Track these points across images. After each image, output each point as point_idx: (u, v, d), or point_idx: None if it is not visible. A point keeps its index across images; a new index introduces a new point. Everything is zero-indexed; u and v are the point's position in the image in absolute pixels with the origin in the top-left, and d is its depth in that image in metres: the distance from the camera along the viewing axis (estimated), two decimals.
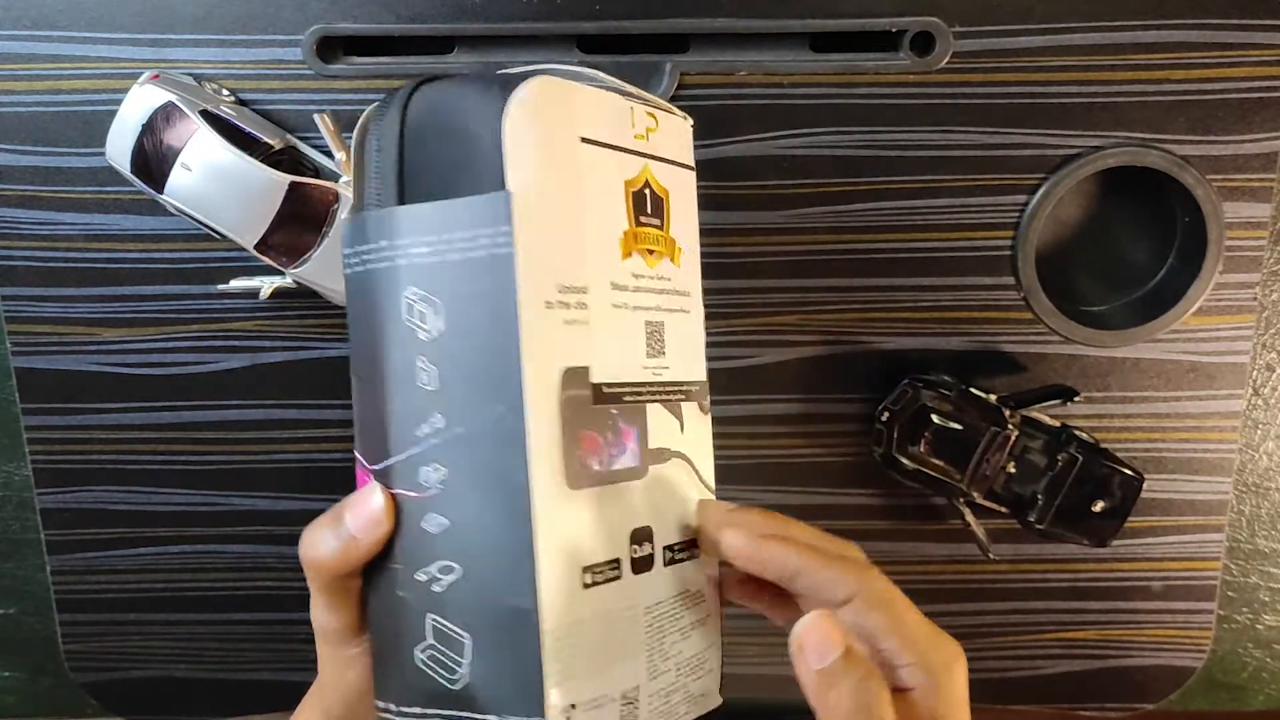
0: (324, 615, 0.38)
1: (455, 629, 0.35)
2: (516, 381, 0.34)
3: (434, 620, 0.35)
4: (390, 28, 0.56)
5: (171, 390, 0.61)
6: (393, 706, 0.37)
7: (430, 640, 0.36)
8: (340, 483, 0.62)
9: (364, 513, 0.36)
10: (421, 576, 0.36)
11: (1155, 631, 0.65)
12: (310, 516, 0.63)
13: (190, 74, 0.57)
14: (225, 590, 0.64)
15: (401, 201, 0.36)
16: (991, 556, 0.61)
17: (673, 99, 0.57)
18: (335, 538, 0.37)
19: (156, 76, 0.56)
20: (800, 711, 0.40)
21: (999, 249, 0.59)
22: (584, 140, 0.37)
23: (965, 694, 0.38)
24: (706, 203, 0.58)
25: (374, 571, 0.37)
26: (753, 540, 0.38)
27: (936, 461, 0.58)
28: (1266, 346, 0.62)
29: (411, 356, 0.35)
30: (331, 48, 0.57)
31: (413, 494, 0.36)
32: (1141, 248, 0.61)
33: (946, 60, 0.57)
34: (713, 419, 0.43)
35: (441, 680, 0.35)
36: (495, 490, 0.34)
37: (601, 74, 0.39)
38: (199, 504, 0.63)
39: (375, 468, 0.37)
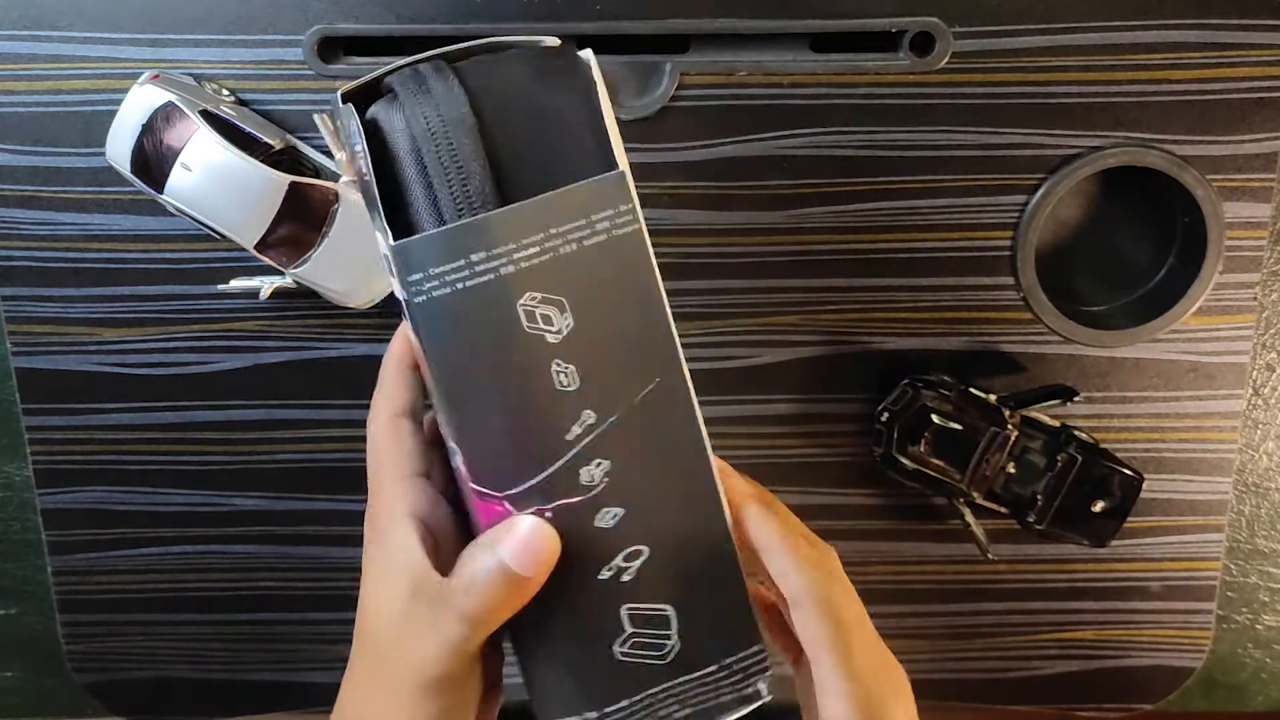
0: (466, 668, 0.35)
1: (655, 606, 0.35)
2: (672, 347, 0.34)
3: (629, 609, 0.35)
4: (391, 28, 0.56)
5: (171, 390, 0.61)
6: (593, 714, 0.36)
7: (629, 630, 0.35)
8: (341, 483, 0.63)
9: (533, 547, 0.34)
10: (606, 574, 0.35)
11: (1154, 632, 0.65)
12: (311, 517, 0.64)
13: (190, 74, 0.57)
14: (227, 590, 0.64)
15: (503, 203, 0.32)
16: (990, 556, 0.61)
17: (673, 99, 0.57)
18: (503, 579, 0.34)
19: (156, 76, 0.56)
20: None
21: (999, 249, 0.59)
22: None
23: None
24: (706, 203, 0.58)
25: (535, 600, 0.35)
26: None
27: (936, 461, 0.58)
28: (1266, 346, 0.62)
29: (544, 364, 0.33)
30: (332, 48, 0.57)
31: (575, 499, 0.34)
32: (1141, 248, 0.61)
33: (946, 60, 0.57)
34: (712, 418, 0.43)
35: (650, 661, 0.36)
36: (671, 457, 0.34)
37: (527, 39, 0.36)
38: (200, 504, 0.63)
39: (514, 491, 0.34)
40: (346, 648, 0.38)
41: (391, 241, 0.31)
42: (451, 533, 0.37)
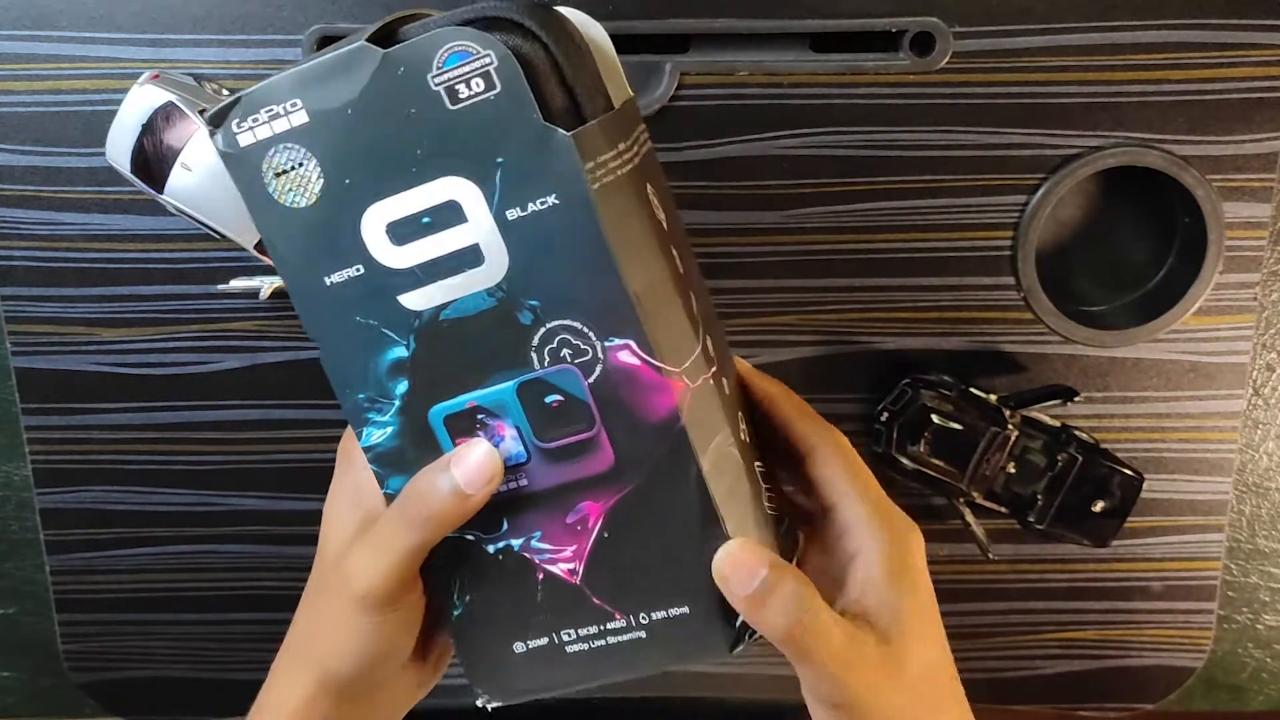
0: (403, 586, 0.36)
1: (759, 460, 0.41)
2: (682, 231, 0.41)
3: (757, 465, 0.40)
4: None
5: (171, 390, 0.61)
6: None
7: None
8: None
9: (484, 469, 0.35)
10: (740, 440, 0.38)
11: (1155, 631, 0.65)
12: (310, 517, 0.63)
13: (190, 74, 0.57)
14: (225, 590, 0.64)
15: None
16: (991, 556, 0.61)
17: (673, 99, 0.57)
18: (454, 497, 0.36)
19: (156, 76, 0.56)
20: (801, 710, 0.40)
21: (999, 249, 0.59)
22: None
23: (923, 563, 0.38)
24: (706, 203, 0.58)
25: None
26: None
27: (936, 461, 0.58)
28: (1266, 346, 0.62)
29: (668, 250, 0.36)
30: None
31: (714, 368, 0.37)
32: (1141, 248, 0.61)
33: (946, 60, 0.57)
34: None
35: None
36: (718, 319, 0.41)
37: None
38: (199, 504, 0.63)
39: (688, 364, 0.35)
40: None
41: (567, 131, 0.32)
42: None
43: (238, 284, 0.59)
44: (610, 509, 0.36)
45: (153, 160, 0.56)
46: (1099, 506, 0.59)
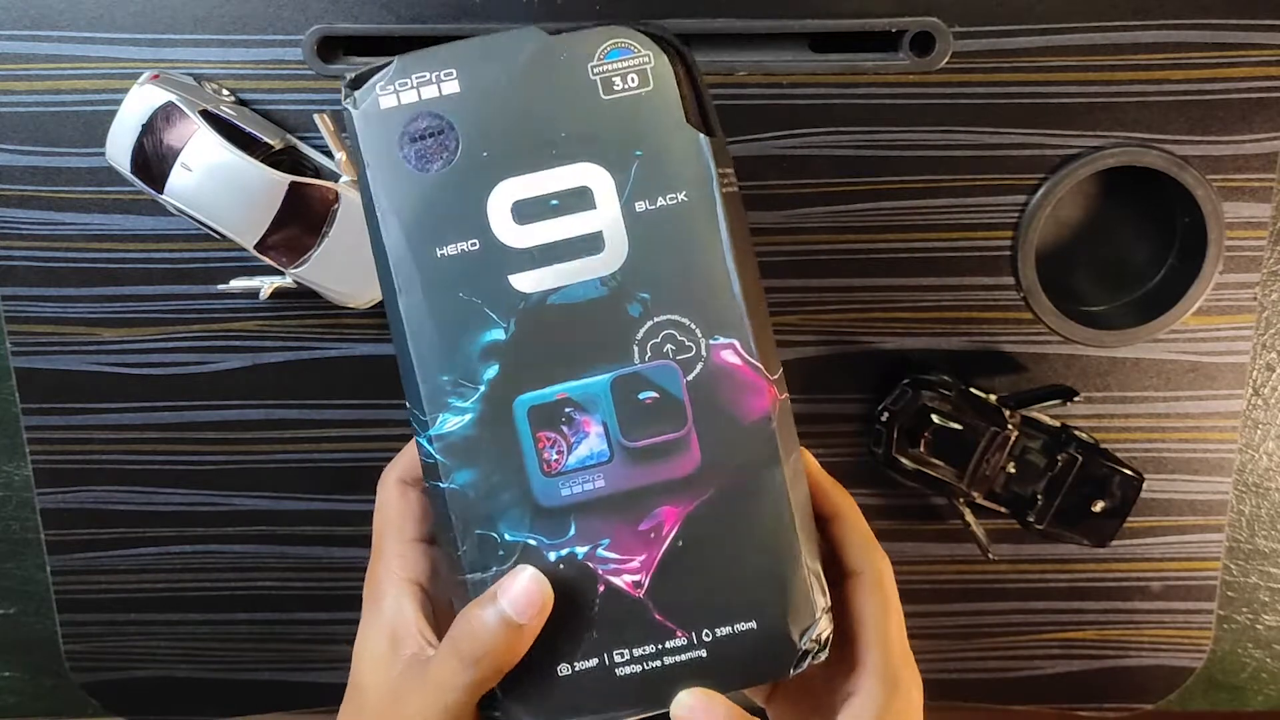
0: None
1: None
2: None
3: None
4: (390, 28, 0.56)
5: (171, 390, 0.61)
6: None
7: None
8: (340, 483, 0.63)
9: (532, 595, 0.34)
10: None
11: (1155, 632, 0.65)
12: (310, 517, 0.64)
13: (190, 74, 0.57)
14: (226, 590, 0.64)
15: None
16: (991, 556, 0.61)
17: None
18: (504, 629, 0.34)
19: (156, 76, 0.56)
20: None
21: (999, 249, 0.59)
22: None
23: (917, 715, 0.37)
24: None
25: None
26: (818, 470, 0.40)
27: (936, 461, 0.58)
28: (1266, 346, 0.62)
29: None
30: (332, 48, 0.57)
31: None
32: (1141, 248, 0.61)
33: (946, 60, 0.57)
34: None
35: None
36: None
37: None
38: (199, 504, 0.63)
39: (779, 374, 0.37)
40: (346, 648, 0.38)
41: (708, 136, 0.36)
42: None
43: (238, 284, 0.59)
44: (688, 515, 0.35)
45: (153, 160, 0.56)
46: (1099, 506, 0.59)
